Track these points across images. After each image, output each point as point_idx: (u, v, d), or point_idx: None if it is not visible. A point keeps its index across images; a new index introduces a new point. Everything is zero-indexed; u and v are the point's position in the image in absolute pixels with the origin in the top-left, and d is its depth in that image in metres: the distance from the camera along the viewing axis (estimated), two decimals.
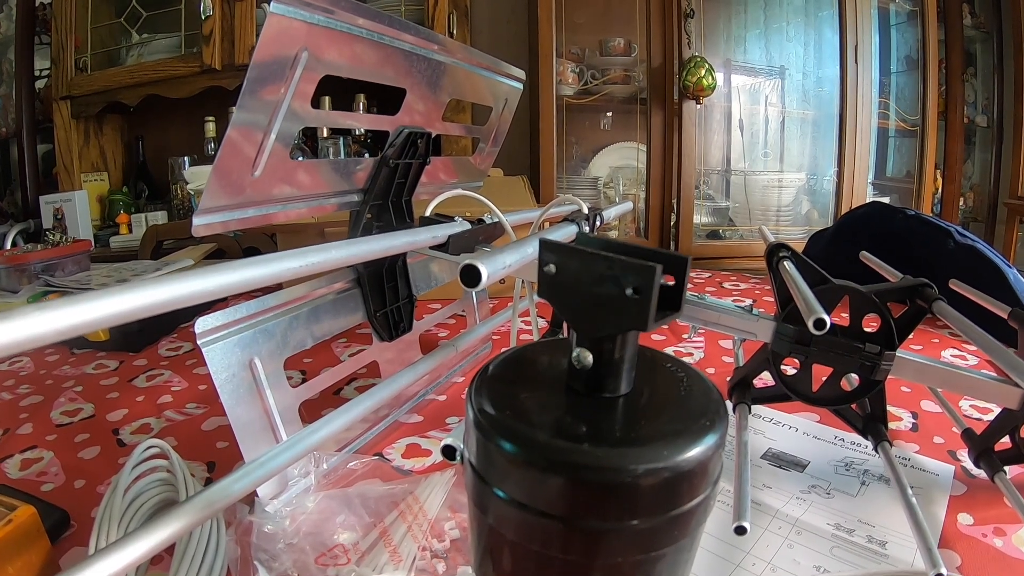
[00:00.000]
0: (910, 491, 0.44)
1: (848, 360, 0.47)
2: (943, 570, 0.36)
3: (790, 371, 0.50)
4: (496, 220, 0.56)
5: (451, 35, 1.65)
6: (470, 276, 0.27)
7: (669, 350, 0.86)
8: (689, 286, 0.28)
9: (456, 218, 0.52)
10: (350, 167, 0.55)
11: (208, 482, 0.53)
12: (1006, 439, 0.50)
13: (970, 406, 0.67)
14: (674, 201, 1.73)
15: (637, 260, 0.22)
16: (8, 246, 1.58)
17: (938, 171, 2.05)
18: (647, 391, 0.26)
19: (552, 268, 0.25)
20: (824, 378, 0.49)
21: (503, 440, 0.23)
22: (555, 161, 1.71)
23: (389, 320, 0.58)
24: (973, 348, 0.86)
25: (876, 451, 0.49)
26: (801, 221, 1.96)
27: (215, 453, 0.58)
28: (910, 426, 0.64)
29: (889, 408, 0.66)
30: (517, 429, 0.23)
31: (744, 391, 0.52)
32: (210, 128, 1.76)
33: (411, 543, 0.42)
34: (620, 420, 0.24)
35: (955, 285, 0.63)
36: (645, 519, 0.23)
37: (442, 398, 0.68)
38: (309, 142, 1.71)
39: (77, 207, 1.65)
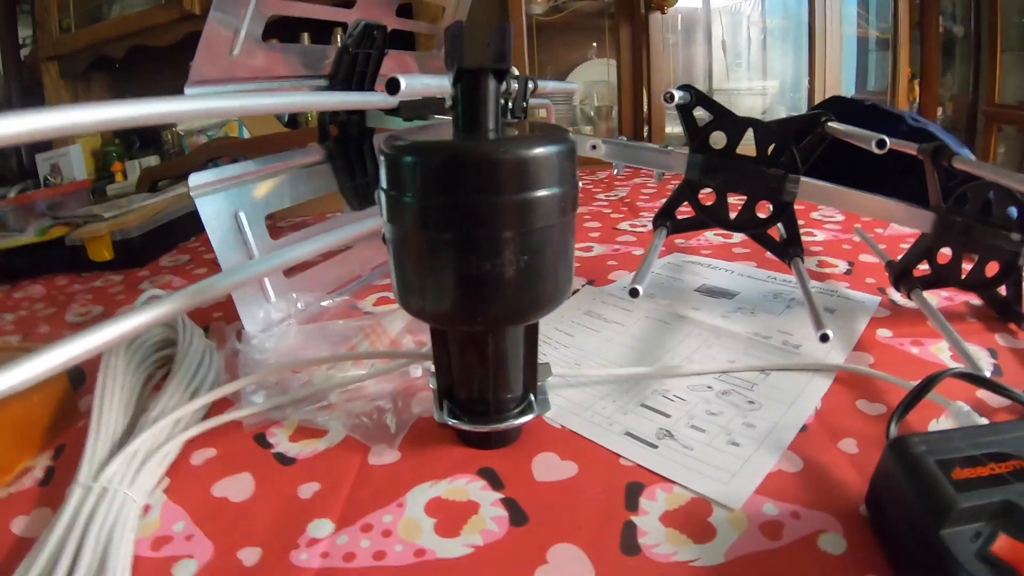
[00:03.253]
0: (810, 283, 0.47)
1: (756, 184, 0.52)
2: (828, 331, 0.40)
3: (709, 203, 0.55)
4: None
5: None
6: (392, 85, 0.34)
7: (625, 224, 0.93)
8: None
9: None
10: (316, 54, 0.61)
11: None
12: (927, 267, 0.54)
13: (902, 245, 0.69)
14: (645, 113, 1.78)
15: None
16: None
17: (916, 81, 2.08)
18: (515, 133, 0.33)
19: None
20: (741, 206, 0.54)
21: (407, 156, 0.30)
22: None
23: (359, 192, 0.66)
24: None
25: (789, 265, 0.53)
26: None
27: (212, 321, 0.64)
28: (845, 271, 0.68)
29: (826, 258, 0.71)
30: (414, 149, 0.30)
31: (665, 218, 0.56)
32: None
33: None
34: (488, 138, 0.31)
35: (831, 127, 0.67)
36: (510, 195, 0.29)
37: None
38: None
39: (72, 160, 1.70)
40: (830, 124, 0.53)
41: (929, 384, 0.36)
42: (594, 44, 1.90)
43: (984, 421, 0.36)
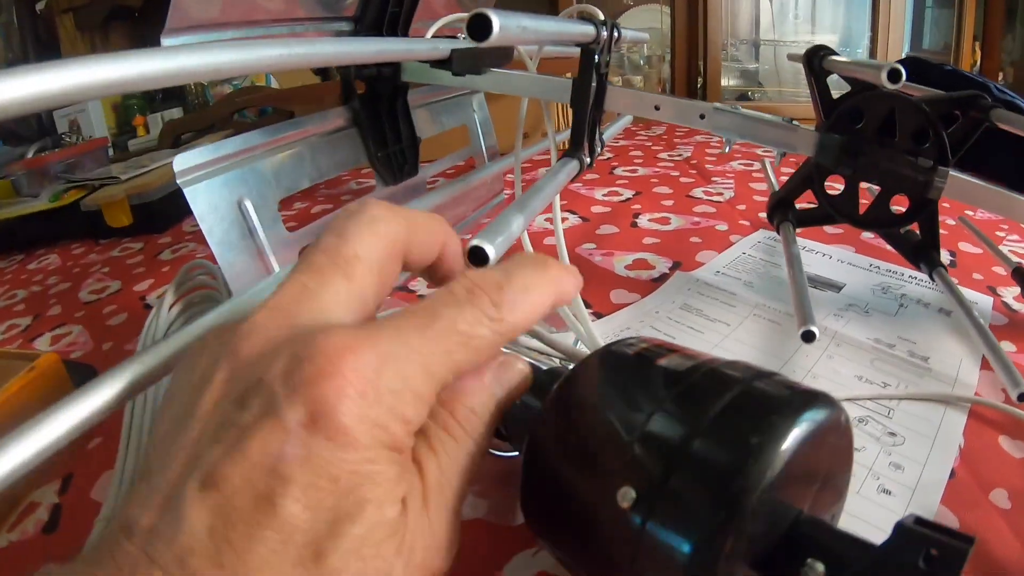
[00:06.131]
0: (977, 312, 0.41)
1: (899, 176, 0.42)
2: None
3: (833, 192, 0.46)
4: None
5: None
6: (479, 27, 0.26)
7: (698, 191, 0.83)
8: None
9: (460, 36, 0.48)
10: None
11: None
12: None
13: (1009, 251, 0.60)
14: (700, 63, 1.64)
15: None
16: None
17: (976, 43, 1.88)
18: None
19: None
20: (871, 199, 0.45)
21: None
22: None
23: (392, 162, 0.55)
24: None
25: (932, 278, 0.46)
26: (835, 86, 1.84)
27: None
28: (948, 262, 0.60)
29: None
30: None
31: (785, 211, 0.49)
32: None
33: None
34: None
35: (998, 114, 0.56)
36: None
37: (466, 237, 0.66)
38: None
39: (92, 115, 1.63)
40: (995, 110, 0.41)
41: None
42: None
43: None
